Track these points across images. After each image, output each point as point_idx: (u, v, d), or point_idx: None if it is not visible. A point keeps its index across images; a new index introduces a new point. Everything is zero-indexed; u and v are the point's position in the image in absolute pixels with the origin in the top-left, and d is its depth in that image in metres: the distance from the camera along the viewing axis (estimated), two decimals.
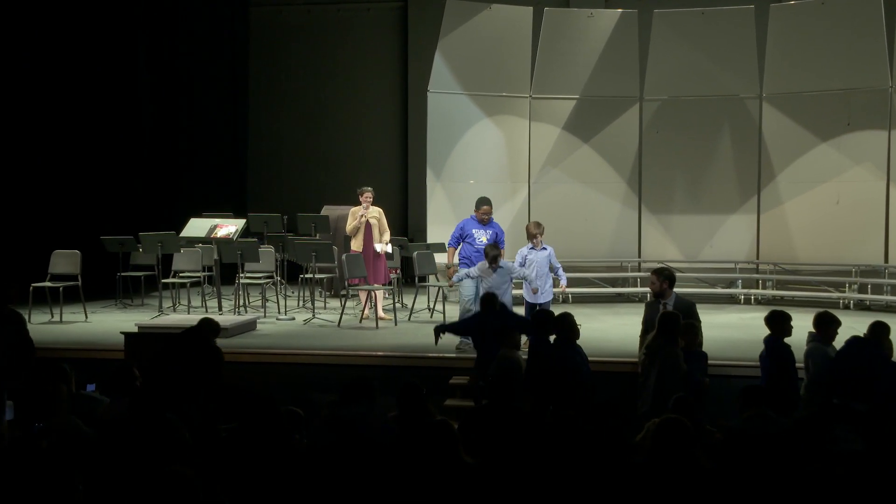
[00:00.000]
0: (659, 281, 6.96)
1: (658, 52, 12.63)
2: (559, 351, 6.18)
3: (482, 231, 8.63)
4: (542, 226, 8.56)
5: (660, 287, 6.94)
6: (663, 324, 6.02)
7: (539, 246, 8.38)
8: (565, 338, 6.21)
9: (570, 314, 6.35)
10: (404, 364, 7.85)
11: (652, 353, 5.99)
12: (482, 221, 8.64)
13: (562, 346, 6.19)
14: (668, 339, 5.97)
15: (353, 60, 15.93)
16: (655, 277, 7.03)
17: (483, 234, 8.60)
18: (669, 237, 12.81)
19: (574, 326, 6.25)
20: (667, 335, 5.98)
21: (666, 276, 7.00)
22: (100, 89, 12.52)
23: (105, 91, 12.60)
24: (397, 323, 9.98)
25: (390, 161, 16.04)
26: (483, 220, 8.64)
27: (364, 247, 10.15)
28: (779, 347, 6.09)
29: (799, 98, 12.12)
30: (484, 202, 8.72)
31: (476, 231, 8.62)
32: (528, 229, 8.53)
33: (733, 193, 12.55)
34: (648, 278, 7.29)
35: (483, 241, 8.47)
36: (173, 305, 10.79)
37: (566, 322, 6.24)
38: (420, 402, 4.77)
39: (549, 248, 8.45)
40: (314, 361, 8.03)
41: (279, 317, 10.29)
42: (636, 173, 12.86)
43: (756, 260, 12.48)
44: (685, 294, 12.20)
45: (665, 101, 12.76)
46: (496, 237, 8.63)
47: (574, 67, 12.76)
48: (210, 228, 10.41)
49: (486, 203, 8.70)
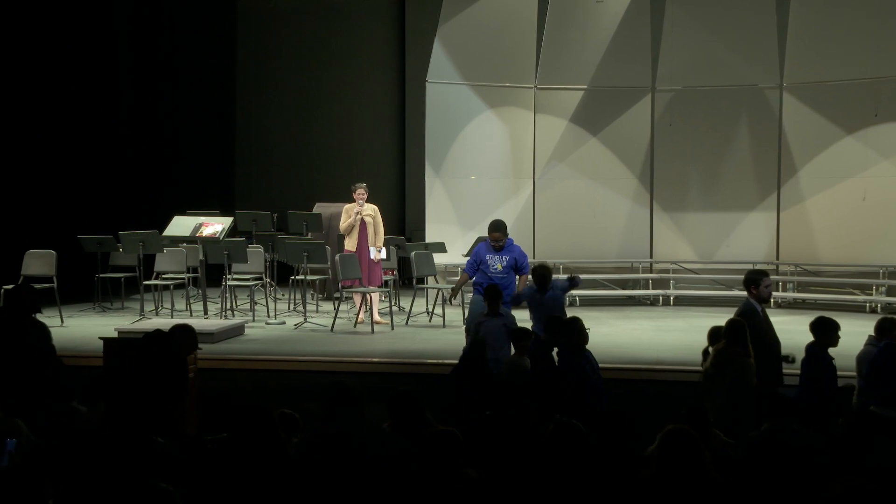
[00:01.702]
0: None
1: (671, 38, 12.60)
2: (567, 358, 6.15)
3: (497, 258, 8.06)
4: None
5: None
6: (732, 331, 5.99)
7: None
8: (574, 343, 6.19)
9: (579, 318, 6.36)
10: (402, 371, 7.83)
11: (720, 362, 5.94)
12: (495, 248, 8.10)
13: (570, 353, 6.16)
14: (738, 348, 5.92)
15: (347, 48, 15.90)
16: None
17: (498, 262, 8.04)
18: (683, 236, 12.79)
19: (583, 331, 6.24)
20: (737, 343, 5.93)
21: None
22: (77, 78, 12.50)
23: (83, 80, 12.58)
24: (394, 327, 9.96)
25: (386, 156, 16.02)
26: (496, 247, 8.10)
27: (358, 246, 10.13)
28: (820, 357, 6.03)
29: (822, 88, 12.09)
30: (494, 227, 8.16)
31: (490, 258, 8.08)
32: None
33: (751, 190, 12.52)
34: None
35: (498, 269, 8.00)
36: (156, 309, 10.77)
37: (575, 327, 6.24)
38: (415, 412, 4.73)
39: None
40: (306, 368, 8.00)
41: (268, 321, 10.27)
42: (648, 168, 12.84)
43: (776, 261, 12.45)
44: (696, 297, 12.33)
45: (679, 91, 12.74)
46: (516, 262, 8.06)
47: (582, 56, 12.74)
48: (195, 227, 10.39)
49: (496, 229, 8.12)
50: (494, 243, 8.06)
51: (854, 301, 11.51)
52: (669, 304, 12.23)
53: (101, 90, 12.93)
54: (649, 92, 12.77)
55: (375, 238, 10.23)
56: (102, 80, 12.94)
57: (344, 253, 10.06)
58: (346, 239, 10.28)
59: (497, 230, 8.09)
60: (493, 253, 8.06)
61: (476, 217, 12.45)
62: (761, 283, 6.55)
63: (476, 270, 8.15)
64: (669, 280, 12.61)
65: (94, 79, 12.78)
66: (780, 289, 12.29)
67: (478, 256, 8.18)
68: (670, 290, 12.45)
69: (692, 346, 8.91)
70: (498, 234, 8.06)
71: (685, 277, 12.78)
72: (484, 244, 8.29)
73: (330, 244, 11.01)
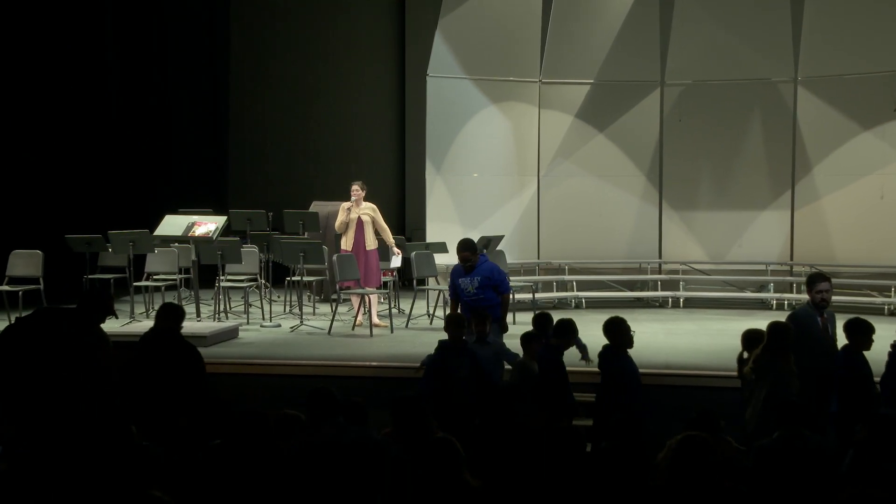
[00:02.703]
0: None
1: (681, 30, 12.60)
2: (612, 360, 6.15)
3: (468, 280, 7.76)
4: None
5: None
6: (771, 334, 5.98)
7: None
8: (618, 345, 6.18)
9: (623, 319, 6.30)
10: (402, 375, 7.82)
11: (761, 367, 5.94)
12: (465, 270, 7.79)
13: (614, 354, 6.16)
14: (778, 353, 5.92)
15: (344, 41, 15.91)
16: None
17: (469, 284, 7.74)
18: (693, 236, 12.79)
19: (627, 333, 6.21)
20: (777, 348, 5.93)
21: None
22: (63, 71, 12.51)
23: (69, 73, 12.60)
24: (393, 330, 9.97)
25: (386, 152, 16.02)
26: (466, 268, 7.78)
27: (355, 246, 10.15)
28: (854, 360, 6.02)
29: (839, 81, 12.08)
30: (462, 247, 7.82)
31: (462, 281, 7.79)
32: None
33: (764, 188, 12.52)
34: None
35: (471, 292, 7.69)
36: (146, 311, 10.77)
37: (620, 328, 6.22)
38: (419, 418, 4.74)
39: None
40: (302, 373, 7.99)
41: (263, 324, 10.27)
42: (656, 166, 12.84)
43: (790, 261, 12.45)
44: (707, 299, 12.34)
45: (689, 85, 12.74)
46: (491, 280, 7.73)
47: (588, 49, 12.74)
48: (187, 226, 10.38)
49: (464, 248, 7.79)
50: (464, 263, 7.78)
51: (872, 303, 11.50)
52: (679, 306, 12.23)
53: (89, 83, 12.94)
54: (658, 86, 12.77)
55: (385, 239, 10.26)
56: (89, 73, 12.96)
57: (341, 253, 10.07)
58: (343, 238, 10.30)
59: (466, 249, 7.77)
60: (464, 275, 7.77)
61: (478, 216, 12.48)
62: (813, 288, 6.48)
63: (456, 295, 7.87)
64: (679, 281, 12.60)
65: (81, 71, 12.79)
66: (795, 291, 12.28)
67: (452, 281, 7.89)
68: (680, 291, 12.43)
69: (702, 350, 8.96)
70: (466, 253, 7.76)
71: (695, 279, 12.77)
72: (456, 267, 7.93)
73: (327, 244, 11.01)
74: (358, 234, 10.20)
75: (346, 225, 10.24)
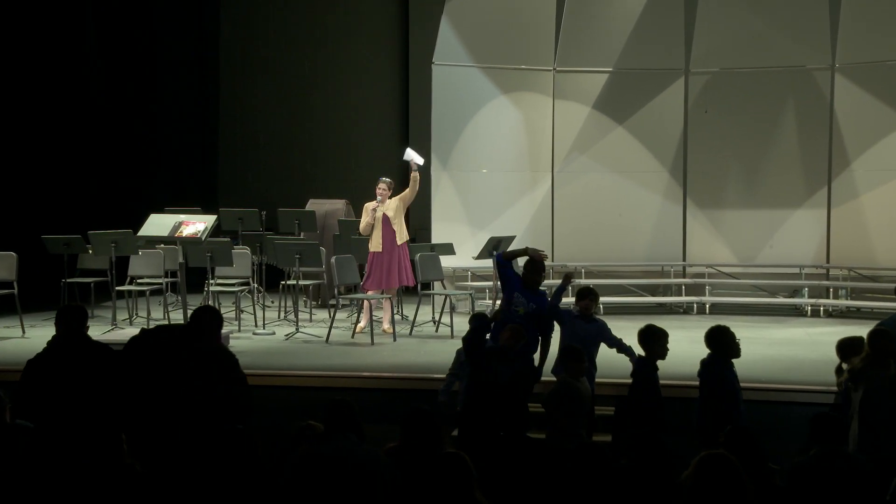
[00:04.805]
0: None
1: (708, 14, 12.59)
2: (717, 371, 6.18)
3: (523, 300, 7.22)
4: None
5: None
6: (870, 341, 5.94)
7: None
8: (723, 354, 6.21)
9: (729, 328, 6.32)
10: (405, 387, 7.84)
11: (856, 376, 5.91)
12: (529, 287, 7.32)
13: (721, 366, 6.19)
14: (875, 361, 5.88)
15: (343, 27, 15.93)
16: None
17: (523, 306, 7.19)
18: (720, 237, 12.78)
19: (734, 342, 6.25)
20: (875, 356, 5.88)
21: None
22: (41, 62, 12.54)
23: (47, 64, 12.62)
24: (396, 338, 9.98)
25: (388, 147, 15.99)
26: (530, 287, 7.31)
27: (384, 246, 10.18)
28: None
29: (880, 69, 12.05)
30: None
31: (517, 296, 7.24)
32: None
33: (798, 184, 12.51)
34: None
35: (520, 312, 7.13)
36: (129, 318, 10.80)
37: (727, 337, 6.24)
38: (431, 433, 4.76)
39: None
40: (298, 384, 8.02)
41: (256, 331, 10.32)
42: (680, 161, 12.83)
43: (826, 264, 12.43)
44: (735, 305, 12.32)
45: (716, 73, 12.73)
46: (539, 315, 7.23)
47: (607, 34, 12.74)
48: (174, 226, 10.37)
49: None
50: (532, 281, 7.32)
51: None
52: (705, 312, 12.21)
53: (67, 69, 12.95)
54: (682, 75, 12.76)
55: (410, 194, 10.37)
56: (69, 63, 12.99)
57: (341, 255, 10.08)
58: (369, 241, 10.30)
59: (587, 297, 7.41)
60: (523, 289, 7.25)
61: (488, 215, 12.47)
62: None
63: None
64: (705, 286, 12.59)
65: (59, 61, 12.83)
66: (831, 296, 12.26)
67: (511, 284, 7.34)
68: (706, 296, 12.43)
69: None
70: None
71: (722, 283, 12.76)
72: (520, 279, 7.37)
73: (325, 245, 11.03)
74: (386, 231, 10.21)
75: (371, 227, 10.25)
